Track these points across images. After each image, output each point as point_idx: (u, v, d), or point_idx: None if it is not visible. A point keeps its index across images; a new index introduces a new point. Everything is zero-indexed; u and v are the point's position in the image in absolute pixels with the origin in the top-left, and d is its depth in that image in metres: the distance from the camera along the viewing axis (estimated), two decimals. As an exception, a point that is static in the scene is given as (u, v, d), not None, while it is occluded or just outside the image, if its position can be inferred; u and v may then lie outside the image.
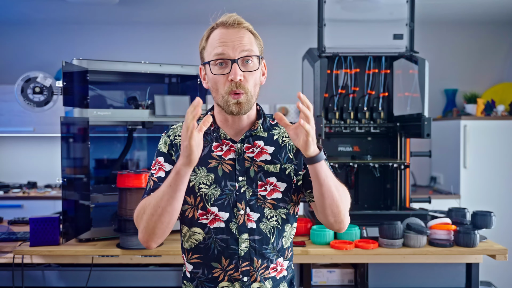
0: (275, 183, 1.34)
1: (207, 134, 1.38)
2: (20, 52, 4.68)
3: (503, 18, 4.51)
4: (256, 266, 1.33)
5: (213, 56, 1.29)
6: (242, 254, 1.32)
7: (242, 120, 1.35)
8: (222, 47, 1.27)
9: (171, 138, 1.39)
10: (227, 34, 1.28)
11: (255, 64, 1.30)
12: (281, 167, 1.35)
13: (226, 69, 1.28)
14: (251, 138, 1.36)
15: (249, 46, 1.29)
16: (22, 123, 4.18)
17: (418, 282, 2.27)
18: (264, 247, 1.33)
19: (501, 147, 3.98)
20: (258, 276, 1.33)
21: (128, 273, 2.36)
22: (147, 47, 4.71)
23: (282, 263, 1.38)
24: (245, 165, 1.33)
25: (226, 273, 1.33)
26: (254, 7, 4.15)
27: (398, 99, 2.71)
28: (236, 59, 1.26)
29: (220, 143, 1.36)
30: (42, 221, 2.18)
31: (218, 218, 1.32)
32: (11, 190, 4.19)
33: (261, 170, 1.33)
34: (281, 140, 1.38)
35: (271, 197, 1.33)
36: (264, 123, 1.39)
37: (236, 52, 1.27)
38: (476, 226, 2.30)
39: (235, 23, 1.29)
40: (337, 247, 2.18)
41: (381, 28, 2.63)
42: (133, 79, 2.74)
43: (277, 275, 1.37)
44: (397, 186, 2.63)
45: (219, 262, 1.33)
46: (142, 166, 2.98)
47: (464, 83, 4.70)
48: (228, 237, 1.32)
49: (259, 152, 1.35)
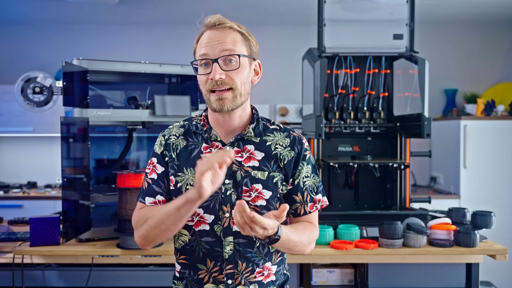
0: (260, 190, 1.32)
1: (198, 134, 1.38)
2: (20, 52, 4.68)
3: (503, 18, 4.51)
4: (240, 269, 1.32)
5: (197, 57, 1.32)
6: (227, 256, 1.32)
7: (233, 121, 1.35)
8: (205, 48, 1.30)
9: (166, 138, 1.40)
10: (211, 35, 1.31)
11: (238, 63, 1.30)
12: (269, 175, 1.33)
13: (209, 69, 1.30)
14: (242, 142, 1.35)
15: (230, 46, 1.29)
16: (22, 123, 4.18)
17: (418, 282, 2.27)
18: (249, 251, 1.33)
19: (501, 147, 3.98)
20: (242, 280, 1.33)
21: (128, 273, 2.36)
22: (147, 47, 4.71)
23: (270, 268, 1.37)
24: (232, 168, 1.32)
25: (211, 275, 1.33)
26: (254, 7, 4.15)
27: (398, 99, 2.71)
28: (216, 59, 1.28)
29: (210, 145, 1.36)
30: (42, 221, 2.18)
31: (203, 221, 1.32)
32: (11, 190, 4.19)
33: (248, 175, 1.32)
34: (273, 147, 1.36)
35: (255, 203, 1.32)
36: (256, 127, 1.37)
37: (216, 51, 1.28)
38: (476, 226, 2.30)
39: (217, 24, 1.31)
40: (337, 247, 2.18)
41: (381, 28, 2.63)
42: (133, 79, 2.74)
43: (264, 279, 1.36)
44: (397, 186, 2.63)
45: (204, 264, 1.33)
46: (142, 166, 2.98)
47: (464, 83, 4.70)
48: (212, 240, 1.32)
49: (247, 157, 1.34)
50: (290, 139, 1.38)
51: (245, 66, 1.32)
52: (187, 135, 1.38)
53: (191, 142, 1.37)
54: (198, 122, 1.40)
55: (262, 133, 1.38)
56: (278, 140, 1.37)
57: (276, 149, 1.36)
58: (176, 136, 1.39)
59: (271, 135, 1.38)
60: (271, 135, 1.38)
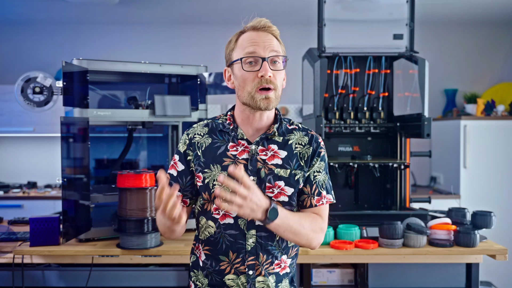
0: (282, 187, 1.39)
1: (224, 133, 1.45)
2: (20, 52, 4.68)
3: (503, 18, 4.51)
4: (261, 261, 1.40)
5: (244, 55, 1.38)
6: (249, 249, 1.39)
7: (262, 120, 1.43)
8: (253, 47, 1.37)
9: (190, 137, 1.47)
10: (257, 36, 1.39)
11: (281, 65, 1.40)
12: (291, 172, 1.40)
13: (256, 67, 1.36)
14: (266, 141, 1.43)
15: (277, 48, 1.39)
16: (22, 123, 4.18)
17: (418, 282, 2.27)
18: (269, 244, 1.40)
19: (501, 147, 3.98)
20: (262, 271, 1.40)
21: (128, 273, 2.36)
22: (147, 47, 4.72)
23: (285, 261, 1.45)
24: (257, 166, 1.39)
25: (233, 266, 1.40)
26: (254, 7, 4.13)
27: (398, 99, 2.71)
28: (266, 58, 1.36)
29: (236, 143, 1.43)
30: (42, 221, 2.18)
31: (228, 214, 1.39)
32: (11, 190, 4.19)
33: (271, 173, 1.39)
34: (294, 146, 1.44)
35: (277, 199, 1.39)
36: (280, 127, 1.45)
37: (266, 51, 1.37)
38: (476, 226, 2.30)
39: (265, 26, 1.40)
40: (337, 247, 2.18)
41: (381, 28, 2.63)
42: (133, 79, 2.74)
43: (280, 271, 1.44)
44: (397, 186, 2.63)
45: (227, 255, 1.41)
46: (142, 166, 2.98)
47: (464, 83, 4.70)
48: (236, 233, 1.39)
49: (271, 155, 1.41)
50: (309, 138, 1.46)
51: (284, 68, 1.42)
52: (211, 133, 1.46)
53: (216, 140, 1.44)
54: (224, 121, 1.46)
55: (284, 133, 1.45)
56: (298, 139, 1.45)
57: (296, 148, 1.44)
58: (200, 135, 1.46)
59: (292, 134, 1.46)
60: (292, 134, 1.46)
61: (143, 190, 2.13)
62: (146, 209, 2.14)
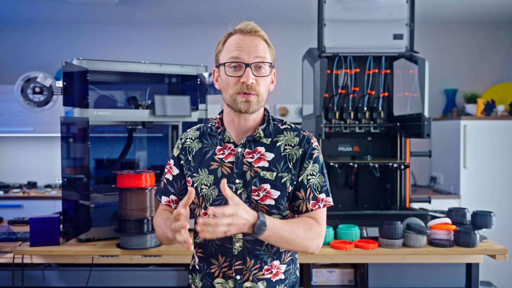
0: (268, 189, 1.36)
1: (212, 136, 1.44)
2: (20, 52, 4.68)
3: (503, 18, 4.51)
4: (248, 265, 1.37)
5: (228, 59, 1.36)
6: (236, 253, 1.37)
7: (248, 122, 1.40)
8: (238, 51, 1.34)
9: (182, 142, 1.48)
10: (244, 40, 1.35)
11: (267, 71, 1.37)
12: (277, 175, 1.37)
13: (239, 72, 1.35)
14: (253, 143, 1.40)
15: (262, 53, 1.36)
16: (22, 123, 4.18)
17: (418, 282, 2.27)
18: (257, 248, 1.37)
19: (501, 147, 3.98)
20: (250, 276, 1.38)
21: (128, 273, 2.36)
22: (147, 47, 4.71)
23: (278, 266, 1.41)
24: (243, 169, 1.38)
25: (221, 270, 1.40)
26: (255, 7, 4.15)
27: (398, 99, 2.71)
28: (250, 64, 1.33)
29: (223, 146, 1.41)
30: (42, 221, 2.18)
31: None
32: (11, 190, 4.19)
33: (257, 175, 1.37)
34: (283, 148, 1.40)
35: (264, 202, 1.37)
36: (266, 128, 1.42)
37: (250, 57, 1.34)
38: (476, 226, 2.30)
39: (252, 31, 1.36)
40: (337, 247, 2.18)
41: (381, 28, 2.63)
42: (133, 79, 2.74)
43: (273, 277, 1.40)
44: (397, 186, 2.63)
45: (216, 259, 1.40)
46: (142, 166, 2.98)
47: (464, 83, 4.70)
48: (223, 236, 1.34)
49: (258, 158, 1.39)
50: (299, 138, 1.42)
51: (269, 74, 1.40)
52: (202, 137, 1.46)
53: (206, 144, 1.44)
54: (213, 125, 1.46)
55: (272, 134, 1.42)
56: (288, 140, 1.41)
57: (285, 150, 1.40)
58: (191, 139, 1.47)
59: (282, 135, 1.42)
60: (281, 136, 1.42)
61: (143, 190, 2.13)
62: (146, 209, 2.14)
